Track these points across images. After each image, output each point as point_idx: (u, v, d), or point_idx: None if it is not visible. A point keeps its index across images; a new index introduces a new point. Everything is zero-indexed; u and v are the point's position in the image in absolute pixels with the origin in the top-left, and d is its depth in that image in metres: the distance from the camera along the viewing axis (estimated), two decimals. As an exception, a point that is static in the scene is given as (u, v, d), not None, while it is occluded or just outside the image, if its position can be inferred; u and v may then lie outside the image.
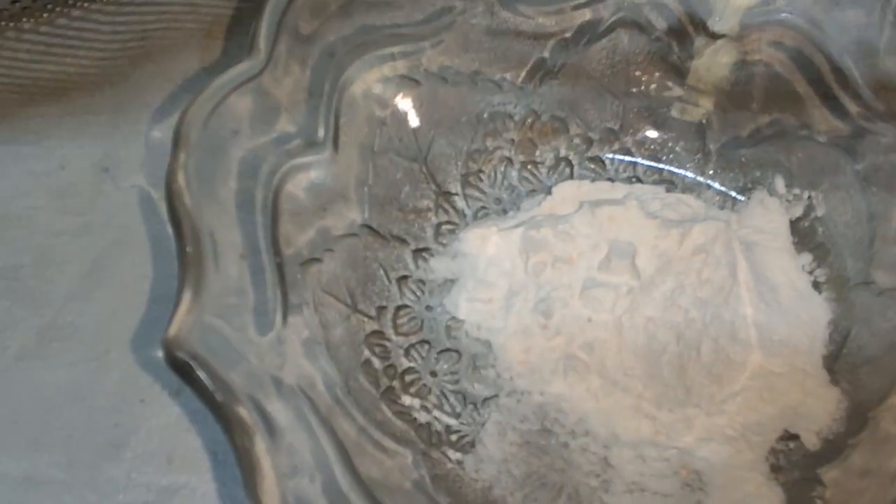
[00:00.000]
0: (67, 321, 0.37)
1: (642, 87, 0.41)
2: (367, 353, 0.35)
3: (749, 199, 0.39)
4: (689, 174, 0.40)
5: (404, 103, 0.39)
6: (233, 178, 0.31)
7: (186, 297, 0.27)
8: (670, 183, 0.40)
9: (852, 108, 0.36)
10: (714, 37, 0.39)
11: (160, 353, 0.25)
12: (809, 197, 0.38)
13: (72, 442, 0.35)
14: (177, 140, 0.29)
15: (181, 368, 0.25)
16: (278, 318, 0.31)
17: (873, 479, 0.31)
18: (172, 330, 0.26)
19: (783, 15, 0.37)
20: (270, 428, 0.26)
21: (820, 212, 0.38)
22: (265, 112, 0.33)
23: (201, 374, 0.25)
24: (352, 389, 0.33)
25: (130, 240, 0.39)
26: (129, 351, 0.36)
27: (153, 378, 0.35)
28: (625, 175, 0.41)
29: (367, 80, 0.37)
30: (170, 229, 0.28)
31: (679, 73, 0.40)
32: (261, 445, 0.24)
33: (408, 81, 0.39)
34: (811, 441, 0.33)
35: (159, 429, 0.34)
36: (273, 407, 0.27)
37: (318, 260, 0.34)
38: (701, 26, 0.39)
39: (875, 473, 0.31)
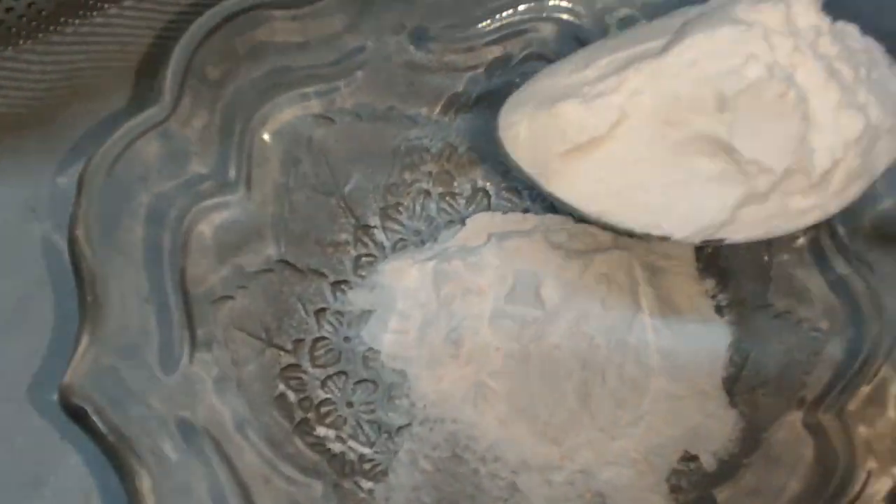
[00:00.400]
0: (-9, 361, 0.38)
1: (555, 119, 0.42)
2: (281, 386, 0.35)
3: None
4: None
5: (319, 141, 0.39)
6: (140, 223, 0.32)
7: (84, 343, 0.28)
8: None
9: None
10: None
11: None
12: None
13: (-6, 481, 0.35)
14: (79, 188, 0.30)
15: (75, 414, 0.26)
16: (185, 357, 0.32)
17: (761, 497, 0.32)
18: (67, 377, 0.26)
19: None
20: (164, 469, 0.27)
21: (722, 238, 0.39)
22: (174, 156, 0.34)
23: (95, 420, 0.26)
24: (263, 424, 0.33)
25: (53, 280, 0.39)
26: (51, 390, 0.36)
27: (72, 417, 0.36)
28: (542, 205, 0.42)
29: (280, 119, 0.38)
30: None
31: (588, 104, 0.41)
32: (147, 487, 0.25)
33: (322, 120, 0.39)
34: (709, 462, 0.35)
35: (78, 466, 0.35)
36: (169, 448, 0.28)
37: (230, 297, 0.35)
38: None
39: (763, 493, 0.32)
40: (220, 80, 0.35)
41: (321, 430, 0.36)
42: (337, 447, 0.35)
